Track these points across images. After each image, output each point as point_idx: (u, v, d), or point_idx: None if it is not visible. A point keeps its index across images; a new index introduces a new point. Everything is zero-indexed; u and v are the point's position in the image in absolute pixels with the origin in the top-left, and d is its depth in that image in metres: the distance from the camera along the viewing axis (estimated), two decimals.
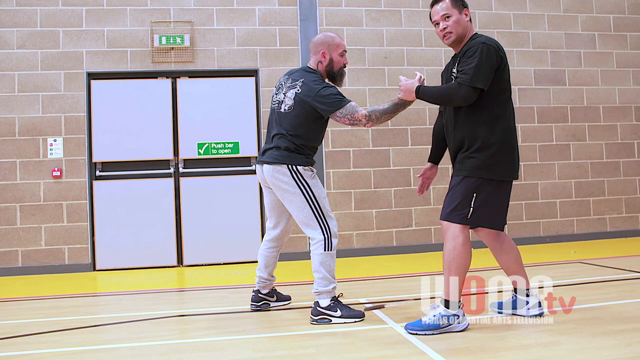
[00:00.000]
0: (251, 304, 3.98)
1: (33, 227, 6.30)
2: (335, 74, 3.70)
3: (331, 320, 3.46)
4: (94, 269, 6.40)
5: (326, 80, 3.69)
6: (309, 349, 3.00)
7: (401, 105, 3.45)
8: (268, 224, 3.91)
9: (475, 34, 3.32)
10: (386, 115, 3.47)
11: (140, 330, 3.56)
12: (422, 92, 3.27)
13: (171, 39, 6.56)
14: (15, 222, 6.27)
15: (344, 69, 3.74)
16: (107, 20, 6.55)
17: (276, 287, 4.14)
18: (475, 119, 3.18)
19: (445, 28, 3.28)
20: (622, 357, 2.65)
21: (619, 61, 7.61)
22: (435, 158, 3.67)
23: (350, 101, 3.51)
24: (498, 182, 3.18)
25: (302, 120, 3.56)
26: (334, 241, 3.55)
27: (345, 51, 3.73)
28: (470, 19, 3.33)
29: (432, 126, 3.64)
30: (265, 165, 3.63)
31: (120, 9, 6.58)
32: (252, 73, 6.84)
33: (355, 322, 3.44)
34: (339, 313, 3.47)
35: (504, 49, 3.30)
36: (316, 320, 3.50)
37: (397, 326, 3.33)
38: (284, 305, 4.06)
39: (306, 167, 3.57)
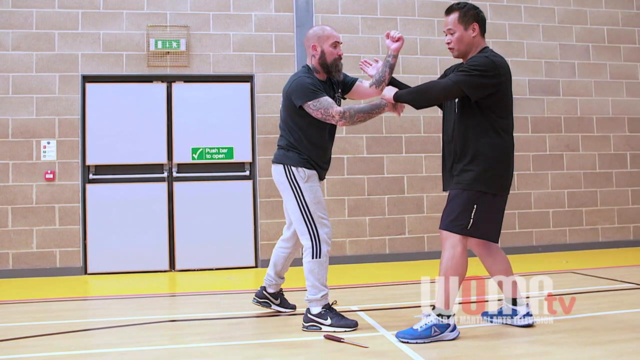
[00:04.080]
0: (254, 297, 3.97)
1: (24, 230, 6.26)
2: (329, 66, 3.58)
3: (321, 328, 3.44)
4: (85, 273, 6.36)
5: (315, 75, 3.59)
6: (299, 356, 2.99)
7: (379, 106, 3.42)
8: (286, 224, 3.90)
9: (485, 48, 3.30)
10: (360, 114, 3.42)
11: (131, 335, 3.54)
12: (398, 97, 3.29)
13: (167, 43, 6.56)
14: (7, 225, 6.23)
15: (339, 61, 3.61)
16: (103, 24, 6.54)
17: (284, 292, 4.06)
18: (475, 131, 3.20)
19: (448, 42, 3.32)
20: None
21: (613, 72, 7.66)
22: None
23: (325, 96, 3.45)
24: (494, 195, 3.21)
25: (289, 114, 3.57)
26: (323, 248, 3.48)
27: (339, 42, 3.61)
28: (481, 33, 3.29)
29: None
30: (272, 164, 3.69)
31: (117, 13, 6.57)
32: (248, 79, 6.85)
33: (345, 330, 3.41)
34: (329, 321, 3.44)
35: None
36: (307, 327, 3.48)
37: (388, 334, 3.32)
38: (285, 312, 4.00)
39: (299, 168, 3.52)
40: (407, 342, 3.10)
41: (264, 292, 3.95)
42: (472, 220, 3.15)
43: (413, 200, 7.00)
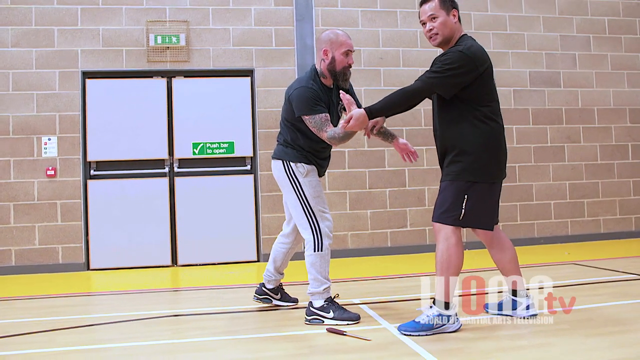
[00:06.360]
0: (254, 295, 3.99)
1: (27, 226, 6.27)
2: (337, 74, 3.53)
3: (323, 321, 3.45)
4: (88, 269, 6.37)
5: (321, 80, 3.55)
6: (302, 349, 2.99)
7: (352, 133, 3.39)
8: (286, 220, 3.91)
9: (464, 35, 3.27)
10: (343, 141, 3.43)
11: (133, 330, 3.54)
12: (376, 112, 3.19)
13: (167, 38, 6.55)
14: (9, 221, 6.24)
15: (348, 70, 3.55)
16: (103, 19, 6.53)
17: (285, 286, 4.07)
18: (457, 124, 3.17)
19: (431, 29, 3.24)
20: (614, 359, 2.65)
21: (614, 63, 7.64)
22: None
23: (323, 113, 3.43)
24: (485, 184, 3.17)
25: (287, 116, 3.58)
26: (325, 242, 3.50)
27: (351, 51, 3.54)
28: (459, 20, 3.27)
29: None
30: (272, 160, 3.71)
31: (116, 8, 6.55)
32: (248, 73, 6.83)
33: (348, 324, 3.41)
34: (331, 315, 3.45)
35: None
36: (309, 321, 3.49)
37: (390, 327, 3.33)
38: (287, 306, 4.01)
39: (298, 163, 3.54)
40: (410, 335, 3.11)
41: (263, 288, 3.97)
42: (463, 210, 3.13)
43: (414, 193, 7.00)
